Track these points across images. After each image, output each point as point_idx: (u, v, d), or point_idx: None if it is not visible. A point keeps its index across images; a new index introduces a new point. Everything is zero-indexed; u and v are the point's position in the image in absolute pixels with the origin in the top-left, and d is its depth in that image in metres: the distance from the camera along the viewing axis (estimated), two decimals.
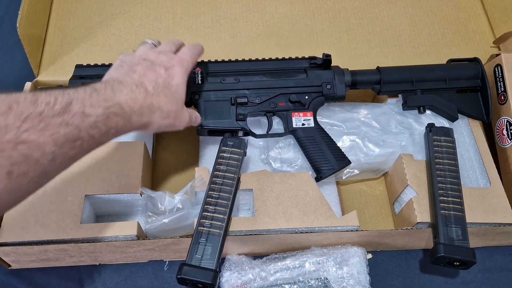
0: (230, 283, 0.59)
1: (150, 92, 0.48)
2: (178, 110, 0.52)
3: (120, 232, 0.59)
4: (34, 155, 0.33)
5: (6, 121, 0.31)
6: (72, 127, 0.36)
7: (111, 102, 0.42)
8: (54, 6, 0.82)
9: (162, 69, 0.51)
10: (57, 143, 0.34)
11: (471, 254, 0.57)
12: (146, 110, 0.47)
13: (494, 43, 0.82)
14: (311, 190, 0.63)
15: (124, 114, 0.43)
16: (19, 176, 0.32)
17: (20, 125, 0.32)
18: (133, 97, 0.45)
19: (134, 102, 0.45)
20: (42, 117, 0.34)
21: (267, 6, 0.85)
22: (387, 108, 0.74)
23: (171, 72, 0.52)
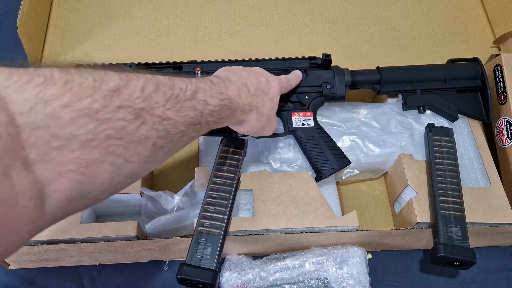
0: (230, 283, 0.59)
1: (251, 92, 0.52)
2: (271, 115, 0.56)
3: (120, 232, 0.59)
4: (172, 131, 0.37)
5: (157, 98, 0.35)
6: (197, 112, 0.41)
7: (225, 95, 0.46)
8: (54, 6, 0.82)
9: (263, 78, 0.56)
10: (186, 123, 0.39)
11: (471, 254, 0.57)
12: (246, 107, 0.51)
13: (494, 43, 0.82)
14: (311, 190, 0.63)
15: (232, 107, 0.48)
16: (159, 149, 0.36)
17: (165, 104, 0.36)
18: (239, 93, 0.50)
19: (239, 98, 0.50)
20: (178, 99, 0.38)
21: (267, 6, 0.86)
22: (387, 108, 0.74)
23: (270, 82, 0.56)
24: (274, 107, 0.57)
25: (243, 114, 0.51)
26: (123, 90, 0.32)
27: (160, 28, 0.81)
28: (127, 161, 0.33)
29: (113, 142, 0.31)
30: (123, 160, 0.32)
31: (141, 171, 0.36)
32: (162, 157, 0.38)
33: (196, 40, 0.81)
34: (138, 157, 0.34)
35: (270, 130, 0.58)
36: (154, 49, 0.79)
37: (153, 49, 0.79)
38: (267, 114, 0.55)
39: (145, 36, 0.80)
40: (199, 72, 0.67)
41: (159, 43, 0.80)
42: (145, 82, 0.35)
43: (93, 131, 0.29)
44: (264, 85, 0.55)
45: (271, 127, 0.58)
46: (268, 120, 0.56)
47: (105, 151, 0.30)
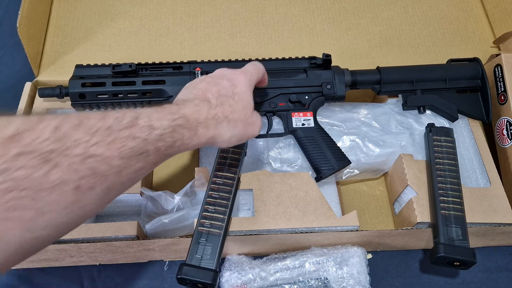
0: (230, 283, 0.59)
1: (213, 104, 0.48)
2: (247, 116, 0.51)
3: (120, 232, 0.59)
4: (101, 169, 0.33)
5: (76, 135, 0.32)
6: (139, 140, 0.36)
7: (177, 114, 0.42)
8: (54, 6, 0.82)
9: (224, 81, 0.51)
10: (124, 156, 0.35)
11: (471, 254, 0.57)
12: (211, 122, 0.47)
13: (494, 43, 0.82)
14: (311, 190, 0.63)
15: (189, 126, 0.43)
16: (87, 190, 0.32)
17: (89, 139, 0.32)
18: (197, 109, 0.45)
19: (199, 114, 0.45)
20: (110, 130, 0.34)
21: (267, 6, 0.85)
22: (387, 108, 0.74)
23: (234, 82, 0.52)
24: (248, 105, 0.52)
25: (209, 130, 0.46)
26: (25, 134, 0.29)
27: (160, 28, 0.81)
28: (41, 213, 0.29)
29: (15, 195, 0.27)
30: (34, 213, 0.29)
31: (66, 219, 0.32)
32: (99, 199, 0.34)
33: (196, 40, 0.81)
34: (57, 205, 0.30)
35: (254, 130, 0.53)
36: (154, 49, 0.79)
37: (153, 49, 0.79)
38: (240, 117, 0.50)
39: (145, 36, 0.80)
40: (199, 72, 0.67)
41: (159, 43, 0.80)
42: (63, 120, 0.31)
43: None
44: (227, 88, 0.50)
45: (254, 127, 0.52)
46: (245, 122, 0.51)
47: (4, 208, 0.27)
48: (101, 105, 0.66)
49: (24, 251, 0.30)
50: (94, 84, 0.65)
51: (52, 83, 0.73)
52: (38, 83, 0.74)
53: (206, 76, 0.53)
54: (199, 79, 0.53)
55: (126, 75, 0.65)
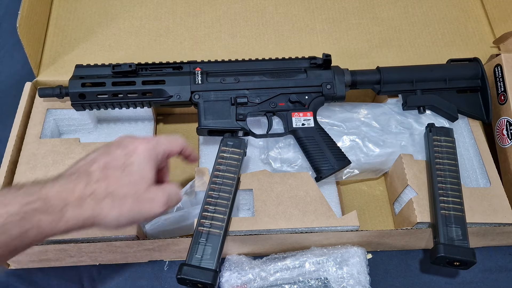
0: (230, 283, 0.59)
1: (94, 178, 0.41)
2: (140, 192, 0.43)
3: (120, 232, 0.59)
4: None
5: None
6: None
7: (33, 196, 0.36)
8: (54, 6, 0.82)
9: (118, 150, 0.44)
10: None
11: (471, 254, 0.57)
12: (87, 201, 0.40)
13: (494, 43, 0.82)
14: (311, 190, 0.63)
15: (51, 210, 0.37)
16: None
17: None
18: (69, 187, 0.39)
19: (70, 193, 0.39)
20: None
21: (267, 6, 0.85)
22: (387, 108, 0.74)
23: (129, 151, 0.44)
24: (141, 179, 0.43)
25: (83, 210, 0.39)
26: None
27: (160, 28, 0.81)
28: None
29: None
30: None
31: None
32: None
33: (196, 40, 0.81)
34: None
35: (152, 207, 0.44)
36: (154, 49, 0.79)
37: (153, 49, 0.79)
38: (130, 193, 0.42)
39: (145, 36, 0.80)
40: (199, 72, 0.67)
41: (159, 43, 0.80)
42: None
43: None
44: (119, 158, 0.43)
45: (152, 204, 0.44)
46: (137, 199, 0.43)
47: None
48: (101, 105, 0.66)
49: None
50: (94, 84, 0.65)
51: (52, 83, 0.73)
52: (38, 83, 0.74)
53: (106, 144, 0.46)
54: (98, 148, 0.45)
55: (126, 75, 0.65)
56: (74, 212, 0.38)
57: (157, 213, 0.44)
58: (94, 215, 0.40)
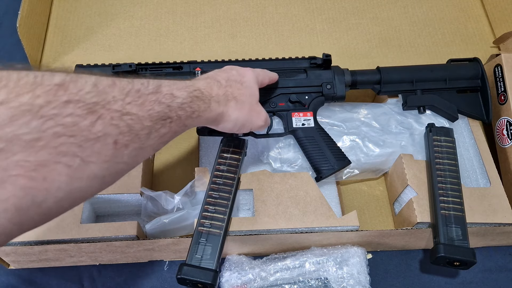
0: (230, 283, 0.59)
1: (223, 84, 0.50)
2: (253, 103, 0.54)
3: (120, 232, 0.59)
4: (136, 127, 0.34)
5: (113, 93, 0.33)
6: (164, 106, 0.38)
7: (193, 87, 0.44)
8: (54, 6, 0.82)
9: (233, 71, 0.54)
10: (152, 118, 0.36)
11: (471, 254, 0.57)
12: (222, 98, 0.49)
13: (494, 43, 0.82)
14: (311, 190, 0.63)
15: (204, 98, 0.45)
16: (123, 147, 0.33)
17: (124, 98, 0.33)
18: (209, 86, 0.48)
19: (211, 90, 0.47)
20: (140, 93, 0.35)
21: (267, 6, 0.86)
22: (387, 108, 0.74)
23: (242, 73, 0.55)
24: (254, 95, 0.54)
25: (219, 105, 0.48)
26: (70, 85, 0.29)
27: (160, 28, 0.81)
28: (86, 162, 0.29)
29: (64, 140, 0.28)
30: (80, 161, 0.29)
31: (106, 173, 0.32)
32: (130, 158, 0.34)
33: (196, 40, 0.81)
34: (99, 157, 0.30)
35: (258, 119, 0.55)
36: (154, 49, 0.79)
37: (153, 49, 0.79)
38: (248, 101, 0.52)
39: (145, 36, 0.80)
40: (199, 72, 0.67)
41: (159, 43, 0.80)
42: (98, 78, 0.32)
43: (38, 129, 0.26)
44: (236, 75, 0.53)
45: (259, 116, 0.55)
46: (251, 108, 0.53)
47: (55, 151, 0.27)
48: None
49: (69, 200, 0.30)
50: None
51: None
52: None
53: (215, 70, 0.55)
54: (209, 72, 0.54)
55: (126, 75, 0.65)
56: (215, 105, 0.47)
57: (260, 125, 0.55)
58: (223, 112, 0.49)
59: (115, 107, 0.32)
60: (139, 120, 0.34)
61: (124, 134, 0.33)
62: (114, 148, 0.32)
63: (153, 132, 0.36)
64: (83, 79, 0.31)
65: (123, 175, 0.36)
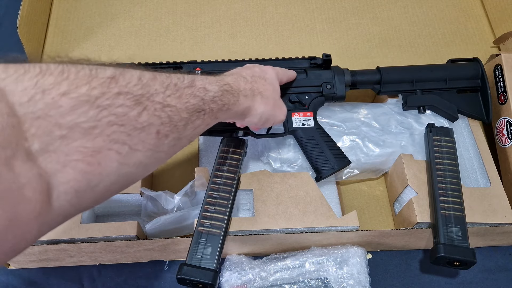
0: (230, 283, 0.59)
1: (248, 80, 0.52)
2: (276, 98, 0.56)
3: (120, 232, 0.59)
4: (175, 119, 0.36)
5: (155, 86, 0.35)
6: (198, 99, 0.40)
7: (223, 82, 0.46)
8: (54, 6, 0.82)
9: (256, 68, 0.56)
10: (189, 110, 0.38)
11: (471, 254, 0.57)
12: (249, 92, 0.50)
13: (494, 43, 0.82)
14: (311, 190, 0.63)
15: (234, 92, 0.47)
16: (164, 137, 0.35)
17: (164, 91, 0.36)
18: (237, 81, 0.49)
19: (239, 85, 0.49)
20: (177, 87, 0.38)
21: (267, 6, 0.86)
22: (387, 108, 0.74)
23: (263, 69, 0.57)
24: (277, 91, 0.57)
25: (247, 99, 0.50)
26: (120, 78, 0.32)
27: (160, 28, 0.81)
28: (133, 149, 0.32)
29: (116, 129, 0.30)
30: (128, 148, 0.31)
31: (149, 161, 0.35)
32: (169, 147, 0.37)
33: (196, 40, 0.81)
34: (144, 145, 0.33)
35: (281, 114, 0.57)
36: (154, 49, 0.79)
37: (153, 49, 0.79)
38: (272, 97, 0.54)
39: (145, 36, 0.80)
40: (199, 72, 0.67)
41: (159, 43, 0.80)
42: (141, 72, 0.35)
43: (95, 118, 0.29)
44: (259, 72, 0.55)
45: (282, 111, 0.57)
46: (275, 103, 0.55)
47: (109, 139, 0.30)
48: None
49: (118, 185, 0.32)
50: None
51: None
52: None
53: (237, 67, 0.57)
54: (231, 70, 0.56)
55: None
56: (243, 99, 0.49)
57: (281, 120, 0.58)
58: (250, 106, 0.51)
59: (157, 99, 0.34)
60: (178, 112, 0.37)
61: (165, 124, 0.35)
62: (156, 137, 0.34)
63: (189, 123, 0.38)
64: (129, 73, 0.33)
65: (162, 163, 0.38)
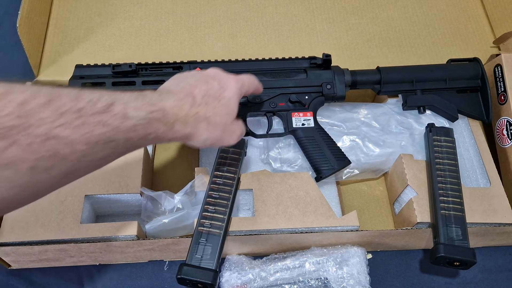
0: (230, 283, 0.59)
1: (197, 102, 0.46)
2: (227, 123, 0.50)
3: (120, 232, 0.59)
4: (62, 152, 0.32)
5: (42, 114, 0.31)
6: (109, 128, 0.36)
7: (156, 107, 0.41)
8: (54, 6, 0.82)
9: (215, 82, 0.50)
10: (89, 142, 0.34)
11: (471, 254, 0.57)
12: (191, 120, 0.45)
13: (494, 43, 0.82)
14: (311, 190, 0.63)
15: (166, 121, 0.42)
16: (43, 171, 0.32)
17: (54, 120, 0.32)
18: (179, 104, 0.44)
19: (180, 110, 0.44)
20: (80, 114, 0.33)
21: (267, 6, 0.85)
22: (387, 108, 0.74)
23: (224, 85, 0.50)
24: (231, 112, 0.50)
25: (186, 127, 0.45)
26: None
27: (160, 28, 0.81)
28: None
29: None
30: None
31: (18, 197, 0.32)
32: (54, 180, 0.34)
33: (196, 40, 0.81)
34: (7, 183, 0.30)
35: (231, 139, 0.51)
36: (154, 49, 0.79)
37: (153, 49, 0.79)
38: (221, 122, 0.48)
39: (145, 36, 0.80)
40: None
41: (159, 43, 0.80)
42: (31, 95, 0.31)
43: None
44: (216, 89, 0.49)
45: (232, 136, 0.51)
46: (224, 129, 0.49)
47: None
48: None
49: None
50: (94, 84, 0.65)
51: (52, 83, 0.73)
52: (38, 83, 0.74)
53: (199, 72, 0.52)
54: (191, 73, 0.51)
55: (126, 75, 0.65)
56: (179, 127, 0.44)
57: (231, 144, 0.52)
58: (192, 133, 0.46)
59: (38, 131, 0.31)
60: (70, 144, 0.33)
61: (45, 159, 0.31)
62: (30, 173, 0.31)
63: (89, 155, 0.34)
64: (8, 97, 0.30)
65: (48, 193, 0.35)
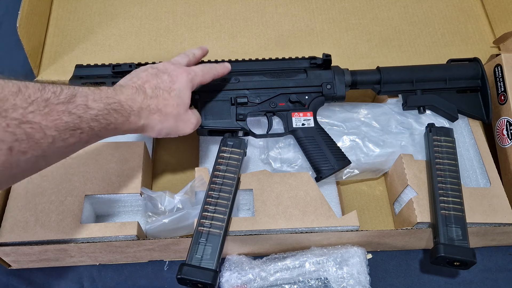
0: (230, 283, 0.59)
1: (148, 95, 0.50)
2: (180, 113, 0.53)
3: (120, 232, 0.59)
4: (36, 136, 0.35)
5: (15, 101, 0.34)
6: (74, 117, 0.39)
7: (112, 99, 0.45)
8: (54, 6, 0.82)
9: (165, 75, 0.53)
10: (59, 128, 0.37)
11: (471, 254, 0.57)
12: (144, 112, 0.49)
13: (494, 43, 0.82)
14: (311, 190, 0.63)
15: (123, 112, 0.46)
16: (19, 153, 0.34)
17: (26, 107, 0.35)
18: (132, 98, 0.48)
19: (133, 103, 0.48)
20: (47, 103, 0.36)
21: (267, 6, 0.86)
22: (387, 108, 0.74)
23: (174, 78, 0.54)
24: (183, 103, 0.54)
25: (140, 119, 0.49)
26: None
27: (160, 28, 0.81)
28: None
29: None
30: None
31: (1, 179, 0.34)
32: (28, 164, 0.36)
33: (196, 40, 0.81)
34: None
35: (186, 127, 0.55)
36: (154, 49, 0.79)
37: (153, 49, 0.79)
38: (173, 112, 0.52)
39: (145, 36, 0.80)
40: None
41: (159, 43, 0.80)
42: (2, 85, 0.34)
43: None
44: (167, 82, 0.53)
45: (187, 125, 0.55)
46: (177, 118, 0.53)
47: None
48: None
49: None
50: (94, 84, 0.65)
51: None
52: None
53: (150, 66, 0.55)
54: (143, 68, 0.55)
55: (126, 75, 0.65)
56: (134, 118, 0.48)
57: (187, 132, 0.55)
58: (145, 124, 0.50)
59: (14, 115, 0.33)
60: (41, 129, 0.36)
61: (21, 141, 0.34)
62: (8, 154, 0.33)
63: (58, 141, 0.38)
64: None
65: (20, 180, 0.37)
